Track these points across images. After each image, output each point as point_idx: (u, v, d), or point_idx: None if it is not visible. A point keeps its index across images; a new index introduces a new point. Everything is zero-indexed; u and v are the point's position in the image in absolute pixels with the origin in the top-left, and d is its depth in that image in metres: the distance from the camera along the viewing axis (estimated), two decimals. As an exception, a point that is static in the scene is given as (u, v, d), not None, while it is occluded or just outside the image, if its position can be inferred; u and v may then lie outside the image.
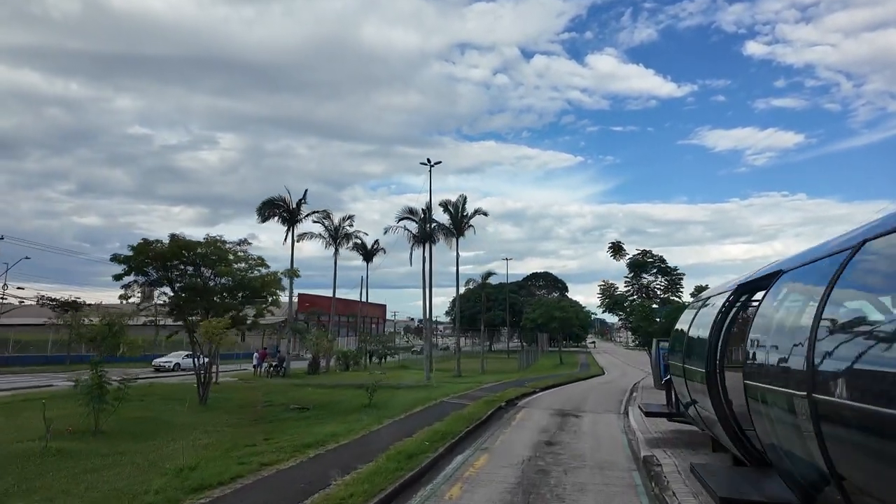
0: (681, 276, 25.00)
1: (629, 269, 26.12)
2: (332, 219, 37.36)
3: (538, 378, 30.39)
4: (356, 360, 40.88)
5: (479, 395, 19.69)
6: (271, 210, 30.84)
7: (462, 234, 34.95)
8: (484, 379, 28.62)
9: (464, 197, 34.98)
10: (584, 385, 28.30)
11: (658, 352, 24.95)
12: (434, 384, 24.47)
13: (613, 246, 25.80)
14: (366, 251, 44.23)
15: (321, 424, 12.82)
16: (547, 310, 59.95)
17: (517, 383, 25.68)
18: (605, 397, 21.44)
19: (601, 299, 25.48)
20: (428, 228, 29.43)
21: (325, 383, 25.68)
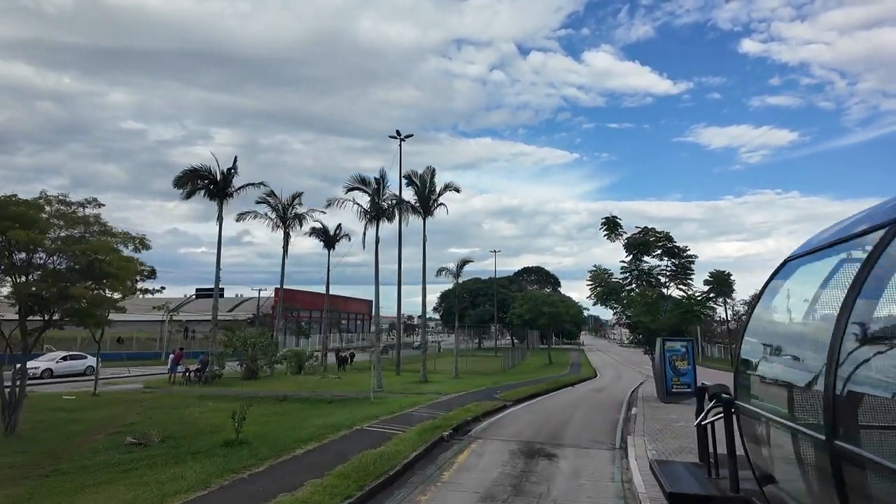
0: (692, 259, 19.88)
1: (626, 251, 20.92)
2: (278, 196, 31.99)
3: (517, 385, 25.18)
4: (316, 360, 35.54)
5: (424, 414, 14.47)
6: (194, 182, 25.45)
7: (430, 212, 29.69)
8: (449, 387, 23.44)
9: (432, 169, 29.76)
10: (571, 395, 23.13)
11: (664, 355, 19.78)
12: (380, 396, 19.25)
13: (608, 222, 20.61)
14: (327, 237, 38.83)
15: (108, 486, 7.56)
16: (535, 304, 54.79)
17: (486, 394, 20.48)
18: (596, 416, 16.26)
19: (591, 288, 20.26)
20: (386, 205, 24.16)
21: (243, 394, 20.40)
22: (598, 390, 25.60)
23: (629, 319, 20.35)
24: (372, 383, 19.70)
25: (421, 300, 29.53)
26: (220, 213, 26.39)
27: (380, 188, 23.31)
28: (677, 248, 19.80)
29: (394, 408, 15.47)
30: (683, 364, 18.87)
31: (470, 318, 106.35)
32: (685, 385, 18.80)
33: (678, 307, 19.24)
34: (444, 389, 21.90)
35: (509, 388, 23.40)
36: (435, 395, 19.91)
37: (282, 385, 25.15)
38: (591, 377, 36.07)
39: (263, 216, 32.07)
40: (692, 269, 19.89)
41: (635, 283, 21.35)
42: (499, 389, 22.56)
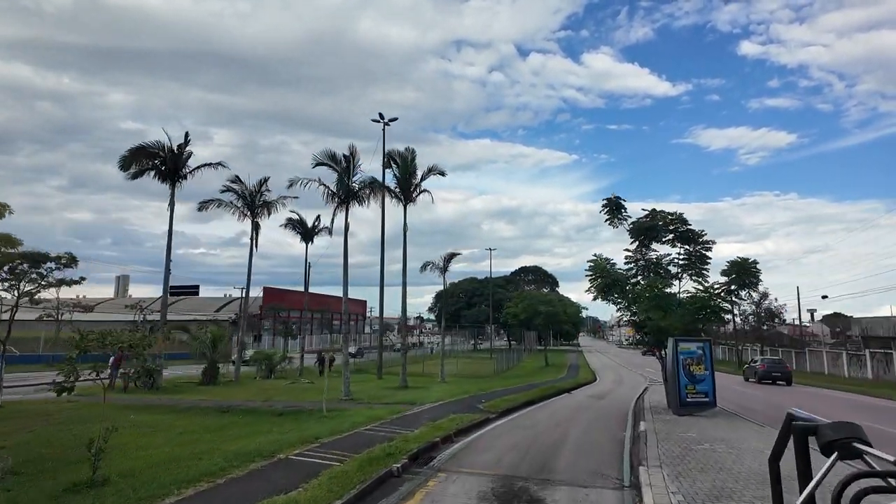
0: (708, 246, 16.95)
1: (632, 237, 17.98)
2: (243, 181, 28.96)
3: (507, 391, 22.21)
4: (288, 363, 32.54)
5: (381, 434, 11.51)
6: (142, 160, 22.45)
7: (411, 199, 26.70)
8: (429, 394, 20.48)
9: (412, 151, 26.78)
10: (568, 403, 20.17)
11: (677, 358, 16.83)
12: (339, 408, 16.30)
13: (609, 204, 17.69)
14: (304, 230, 35.88)
15: None
16: (530, 303, 51.80)
17: (470, 403, 17.53)
18: (597, 433, 13.30)
19: (591, 279, 17.29)
20: (357, 186, 21.16)
21: (183, 404, 17.44)
22: (599, 397, 22.65)
23: (635, 317, 17.39)
24: (346, 392, 16.73)
25: (402, 297, 26.56)
26: (171, 199, 23.38)
27: (349, 167, 20.34)
28: (692, 232, 16.86)
29: (346, 424, 12.50)
30: (700, 369, 15.93)
31: (466, 318, 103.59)
32: (702, 394, 15.87)
33: (694, 301, 16.29)
34: (421, 397, 18.94)
35: (498, 394, 20.45)
36: (408, 404, 16.94)
37: (240, 392, 22.19)
38: (591, 381, 33.12)
39: (229, 205, 29.07)
40: (709, 258, 16.97)
41: (641, 276, 18.43)
42: (485, 397, 19.60)
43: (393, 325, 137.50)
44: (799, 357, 46.13)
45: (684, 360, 15.88)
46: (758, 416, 16.18)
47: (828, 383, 31.70)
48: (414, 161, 26.16)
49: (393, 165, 25.85)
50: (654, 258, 18.39)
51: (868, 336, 41.77)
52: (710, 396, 15.91)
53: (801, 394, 25.30)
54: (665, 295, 16.04)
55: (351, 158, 20.38)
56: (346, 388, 19.45)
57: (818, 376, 38.26)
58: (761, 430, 13.29)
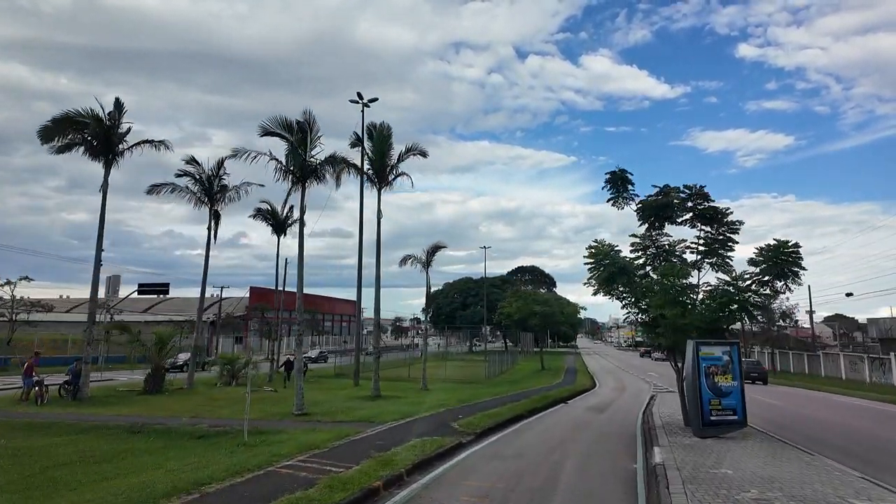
0: (736, 226, 13.79)
1: (639, 219, 14.87)
2: (199, 163, 25.73)
3: (493, 403, 19.08)
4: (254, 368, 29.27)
5: (305, 473, 8.35)
6: (66, 132, 19.25)
7: (387, 181, 23.55)
8: (399, 407, 17.35)
9: (387, 126, 23.64)
10: (563, 418, 16.99)
11: (698, 365, 13.69)
12: (283, 427, 13.15)
13: (613, 179, 14.64)
14: (276, 221, 32.69)
15: None
16: (525, 303, 48.62)
17: (445, 419, 14.37)
18: (599, 466, 10.15)
19: (592, 268, 14.14)
20: (315, 162, 17.95)
21: (86, 420, 14.26)
22: (600, 409, 19.50)
23: (644, 314, 14.23)
24: (300, 405, 13.54)
25: (375, 295, 23.41)
26: (104, 179, 20.17)
27: (306, 138, 17.17)
28: (716, 210, 13.71)
29: (262, 458, 9.33)
30: (726, 380, 12.80)
31: (461, 319, 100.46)
32: (729, 411, 12.74)
33: (719, 295, 13.15)
34: (387, 413, 15.78)
35: (482, 407, 17.31)
36: (366, 423, 13.78)
37: (181, 404, 19.01)
38: (589, 388, 29.98)
39: (184, 190, 25.86)
40: (735, 242, 13.84)
41: (651, 266, 15.32)
42: (466, 410, 16.48)
43: (386, 327, 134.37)
44: (812, 360, 43.08)
45: (707, 367, 12.75)
46: (797, 437, 13.07)
47: (851, 390, 28.63)
48: (390, 139, 23.04)
49: (366, 143, 22.70)
50: (666, 244, 15.26)
51: (888, 338, 38.71)
52: (738, 414, 12.78)
53: (832, 405, 22.18)
54: (685, 287, 12.87)
55: (308, 127, 17.21)
56: (299, 401, 16.28)
57: (834, 381, 35.19)
58: (813, 461, 10.16)
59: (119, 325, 24.36)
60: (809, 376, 40.32)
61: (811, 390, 29.12)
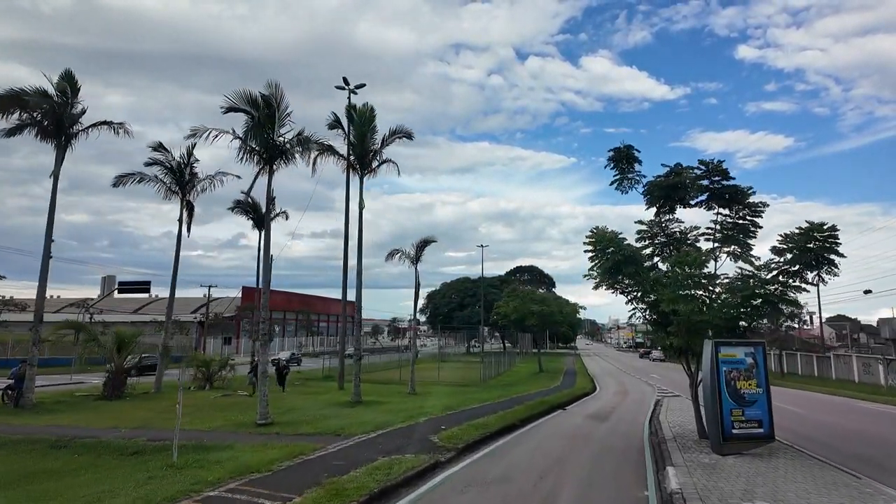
0: (759, 208, 11.94)
1: (647, 203, 13.03)
2: (167, 149, 23.85)
3: (481, 411, 17.22)
4: (230, 370, 27.41)
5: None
6: (10, 111, 17.37)
7: (370, 168, 21.69)
8: (377, 416, 15.50)
9: (370, 107, 21.78)
10: (560, 429, 15.09)
11: (717, 369, 11.78)
12: (232, 441, 11.28)
13: (618, 156, 12.78)
14: (257, 214, 30.89)
15: None
16: (522, 302, 46.72)
17: (419, 435, 12.50)
18: (602, 494, 8.28)
19: (592, 256, 12.24)
20: (283, 141, 16.09)
21: (21, 433, 12.37)
22: (601, 417, 17.63)
23: (653, 310, 12.36)
24: (265, 416, 11.69)
25: (356, 291, 21.55)
26: (56, 165, 18.32)
27: (273, 114, 15.33)
28: (736, 189, 11.83)
29: (181, 487, 7.49)
30: (750, 386, 10.95)
31: (458, 320, 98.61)
32: (754, 422, 10.88)
33: (741, 288, 11.30)
34: (361, 422, 13.92)
35: (469, 415, 15.46)
36: (332, 436, 11.91)
37: (141, 410, 17.20)
38: (589, 392, 28.12)
39: (153, 179, 24.01)
40: (758, 227, 12.00)
41: (659, 257, 13.49)
42: (452, 419, 14.63)
43: (383, 328, 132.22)
44: (822, 362, 41.20)
45: (728, 372, 10.88)
46: (832, 453, 11.22)
47: (869, 394, 26.77)
48: (373, 121, 21.19)
49: (347, 126, 20.86)
50: (677, 232, 13.43)
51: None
52: (765, 426, 10.91)
53: (857, 412, 20.31)
54: (703, 277, 10.98)
55: (274, 102, 15.35)
56: (263, 409, 14.39)
57: (847, 385, 33.33)
58: (864, 487, 8.31)
59: (73, 325, 22.47)
60: (819, 379, 38.44)
61: (828, 395, 27.25)
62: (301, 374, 39.82)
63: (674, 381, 36.91)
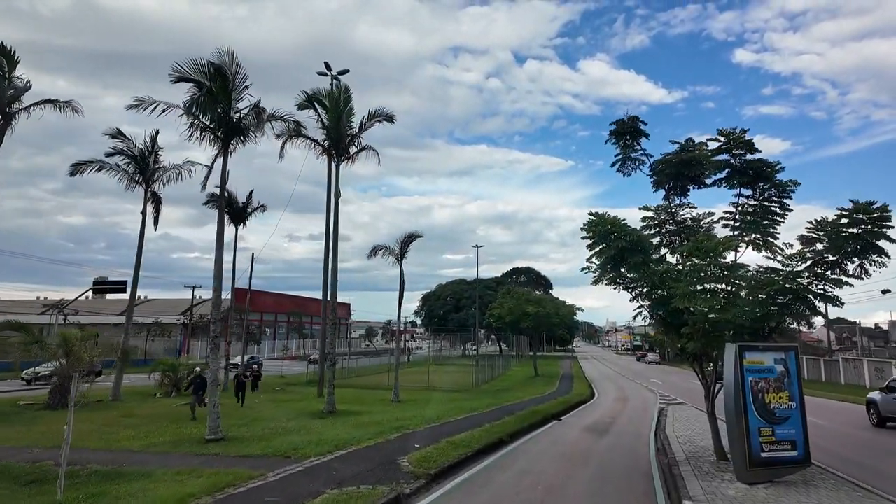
0: (789, 188, 10.10)
1: (654, 184, 11.19)
2: (129, 136, 21.94)
3: (466, 423, 15.32)
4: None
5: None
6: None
7: (346, 154, 19.79)
8: (339, 433, 13.59)
9: (343, 88, 19.89)
10: (553, 447, 13.13)
11: (742, 379, 9.76)
12: (152, 467, 9.33)
13: (622, 128, 10.93)
14: (233, 208, 28.90)
15: None
16: (517, 303, 44.82)
17: (386, 457, 10.56)
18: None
19: (591, 243, 10.31)
20: (240, 117, 14.19)
21: None
22: (600, 430, 15.72)
23: (662, 308, 10.46)
24: (214, 430, 9.74)
25: (330, 288, 19.62)
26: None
27: (227, 86, 13.44)
28: (763, 163, 9.97)
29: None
30: (781, 400, 9.09)
31: (453, 322, 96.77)
32: (786, 444, 9.02)
33: (766, 283, 9.43)
34: (319, 441, 11.99)
35: (449, 430, 13.55)
36: (280, 458, 9.97)
37: (83, 422, 15.17)
38: (587, 398, 26.23)
39: (114, 168, 22.10)
40: (788, 208, 10.15)
41: (667, 248, 11.65)
42: (431, 434, 12.73)
43: (377, 330, 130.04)
44: (830, 366, 39.39)
45: (755, 382, 9.02)
46: (879, 479, 9.34)
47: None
48: (349, 103, 19.29)
49: (319, 109, 18.97)
50: (688, 218, 11.58)
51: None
52: (799, 448, 9.05)
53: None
54: (727, 268, 9.07)
55: (228, 72, 13.44)
56: (212, 424, 12.46)
57: (858, 391, 31.47)
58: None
59: (12, 325, 20.47)
60: (829, 384, 36.62)
61: (841, 402, 25.44)
62: (284, 378, 37.87)
63: (675, 387, 35.04)
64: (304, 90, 18.55)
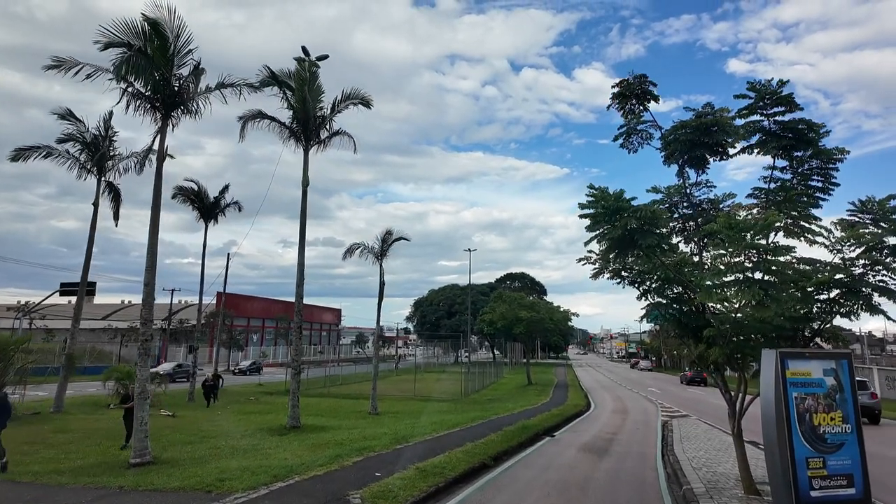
0: (836, 157, 8.23)
1: (666, 158, 9.24)
2: (79, 118, 19.88)
3: (446, 441, 13.30)
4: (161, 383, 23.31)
5: None
6: None
7: (317, 139, 17.82)
8: (293, 456, 11.55)
9: (310, 64, 18.02)
10: (541, 473, 11.07)
11: (784, 393, 7.75)
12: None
13: (626, 89, 8.92)
14: (202, 203, 26.84)
15: None
16: (510, 308, 42.81)
17: (337, 490, 8.51)
18: None
19: (591, 224, 8.32)
20: (180, 84, 12.20)
21: None
22: (600, 449, 13.70)
23: (680, 307, 8.51)
24: (141, 449, 7.68)
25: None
26: None
27: (168, 46, 11.48)
28: (806, 124, 8.06)
29: None
30: (833, 421, 7.14)
31: (446, 328, 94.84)
32: (841, 479, 7.02)
33: (804, 276, 7.52)
34: (264, 468, 9.96)
35: (423, 451, 11.53)
36: (204, 491, 7.91)
37: (6, 438, 13.02)
38: (583, 410, 24.22)
39: (63, 155, 20.04)
40: (835, 182, 8.26)
41: (681, 236, 9.76)
42: (397, 459, 10.70)
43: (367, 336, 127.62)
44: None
45: (799, 399, 7.07)
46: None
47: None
48: (316, 80, 17.43)
49: (286, 91, 17.03)
50: (705, 200, 9.70)
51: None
52: (857, 485, 7.07)
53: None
54: (769, 250, 7.10)
55: (168, 31, 11.45)
56: (139, 445, 10.41)
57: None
58: None
59: None
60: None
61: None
62: (262, 386, 35.77)
63: (675, 397, 33.10)
64: (267, 65, 16.56)
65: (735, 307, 7.42)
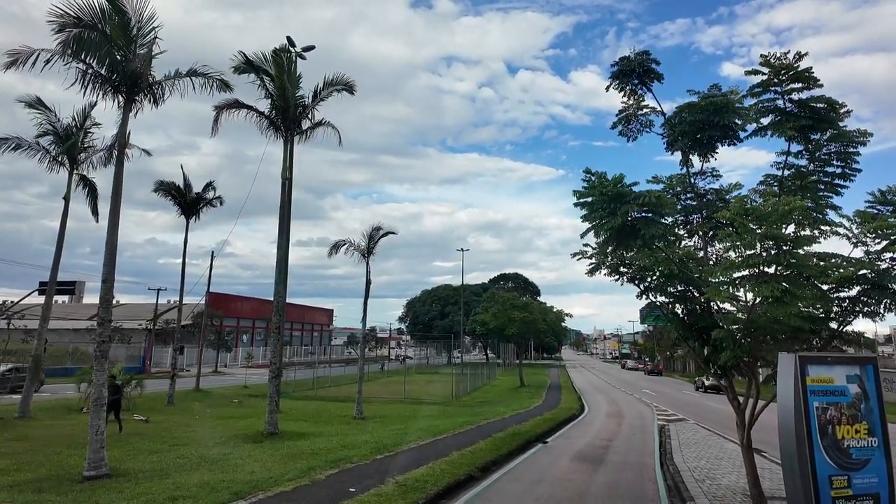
0: (858, 139, 7.48)
1: (669, 144, 8.42)
2: (52, 110, 18.94)
3: (428, 451, 12.47)
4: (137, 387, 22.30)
5: None
6: None
7: (298, 129, 16.93)
8: (262, 468, 10.69)
9: (287, 50, 17.16)
10: (531, 488, 10.24)
11: (805, 402, 7.04)
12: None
13: (626, 66, 8.08)
14: (184, 198, 25.88)
15: None
16: (502, 308, 42.01)
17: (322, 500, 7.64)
18: None
19: (588, 213, 7.49)
20: (140, 65, 11.27)
21: None
22: (595, 458, 12.89)
23: (685, 305, 7.72)
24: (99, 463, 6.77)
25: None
26: None
27: (128, 24, 10.58)
28: (826, 101, 7.29)
29: None
30: (858, 433, 6.36)
31: (439, 329, 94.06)
32: (867, 500, 6.25)
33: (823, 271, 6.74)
34: (228, 482, 9.08)
35: (406, 462, 10.70)
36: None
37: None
38: (577, 414, 23.45)
39: (34, 146, 19.05)
40: (856, 167, 7.50)
41: (686, 231, 9.00)
42: (376, 472, 9.87)
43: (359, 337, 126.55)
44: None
45: (821, 409, 6.29)
46: None
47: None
48: (293, 64, 16.58)
49: (263, 78, 16.13)
50: (709, 191, 8.94)
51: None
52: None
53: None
54: (794, 241, 6.27)
55: (127, 7, 10.55)
56: (93, 456, 9.51)
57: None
58: None
59: None
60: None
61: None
62: (247, 388, 34.79)
63: (670, 398, 32.44)
64: (241, 51, 15.68)
65: (747, 306, 6.62)
